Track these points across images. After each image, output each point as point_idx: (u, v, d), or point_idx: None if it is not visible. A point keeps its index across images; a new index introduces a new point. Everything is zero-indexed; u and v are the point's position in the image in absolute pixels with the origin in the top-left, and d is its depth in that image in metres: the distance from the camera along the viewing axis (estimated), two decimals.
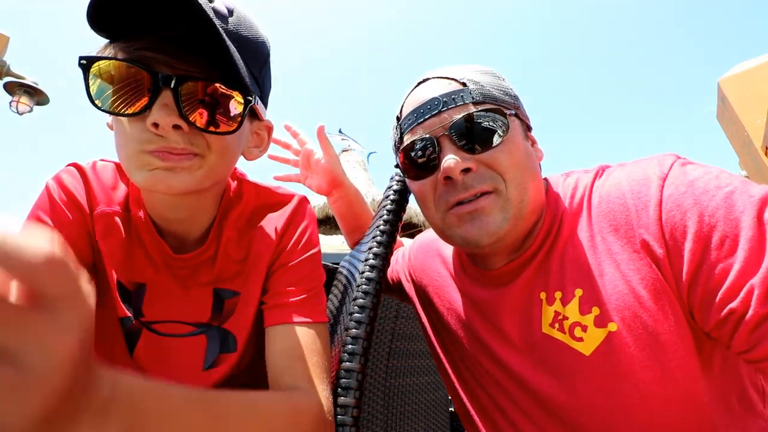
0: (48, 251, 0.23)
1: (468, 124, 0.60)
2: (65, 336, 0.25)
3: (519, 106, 0.67)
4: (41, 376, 0.24)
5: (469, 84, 0.63)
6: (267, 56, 0.61)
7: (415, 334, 1.22)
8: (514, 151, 0.61)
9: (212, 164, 0.56)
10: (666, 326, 0.52)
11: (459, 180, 0.60)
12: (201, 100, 0.52)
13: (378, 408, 1.00)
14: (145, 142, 0.52)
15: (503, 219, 0.60)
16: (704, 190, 0.50)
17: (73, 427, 0.28)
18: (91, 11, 0.47)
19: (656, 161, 0.57)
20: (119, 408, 0.33)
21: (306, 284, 0.68)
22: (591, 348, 0.55)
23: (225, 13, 0.53)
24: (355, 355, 0.58)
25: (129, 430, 0.33)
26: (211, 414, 0.45)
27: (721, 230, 0.47)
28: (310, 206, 0.77)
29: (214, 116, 0.53)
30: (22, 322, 0.23)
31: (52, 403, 0.25)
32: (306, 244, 0.72)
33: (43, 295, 0.24)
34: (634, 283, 0.53)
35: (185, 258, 0.67)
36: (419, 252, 0.90)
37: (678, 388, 0.52)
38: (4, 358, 0.23)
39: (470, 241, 0.61)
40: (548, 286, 0.61)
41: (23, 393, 0.23)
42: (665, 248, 0.52)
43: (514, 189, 0.60)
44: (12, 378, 0.23)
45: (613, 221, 0.57)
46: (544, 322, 0.61)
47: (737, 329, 0.45)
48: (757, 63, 1.88)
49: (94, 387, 0.31)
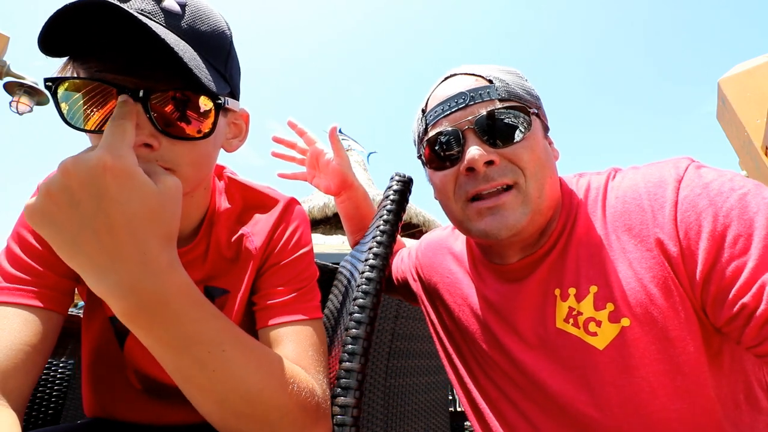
0: None
1: (493, 119, 0.63)
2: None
3: (540, 107, 0.69)
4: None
5: (495, 81, 0.65)
6: (230, 45, 0.59)
7: (415, 334, 1.22)
8: (535, 147, 0.64)
9: (186, 175, 0.55)
10: (676, 322, 0.54)
11: (481, 172, 0.63)
12: (171, 111, 0.52)
13: (378, 408, 1.00)
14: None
15: (522, 214, 0.62)
16: (719, 191, 0.52)
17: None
18: (42, 38, 0.46)
19: (672, 164, 0.59)
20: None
21: (296, 283, 0.68)
22: (605, 342, 0.57)
23: (177, 11, 0.51)
24: (355, 355, 0.58)
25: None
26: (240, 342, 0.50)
27: (735, 230, 0.49)
28: (300, 207, 0.77)
29: (188, 123, 0.53)
30: None
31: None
32: (296, 243, 0.72)
33: None
34: (645, 281, 0.55)
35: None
36: (428, 250, 0.91)
37: (686, 381, 0.53)
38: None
39: (490, 234, 0.63)
40: (562, 282, 0.63)
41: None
42: (679, 247, 0.53)
43: (533, 184, 0.62)
44: None
45: (627, 221, 0.59)
46: (558, 317, 0.63)
47: (748, 324, 0.47)
48: (757, 63, 1.88)
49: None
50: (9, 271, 0.59)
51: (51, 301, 0.59)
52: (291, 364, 0.55)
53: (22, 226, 0.63)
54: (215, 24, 0.56)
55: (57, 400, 1.21)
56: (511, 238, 0.63)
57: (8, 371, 0.52)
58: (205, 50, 0.53)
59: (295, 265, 0.70)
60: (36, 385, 1.15)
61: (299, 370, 0.55)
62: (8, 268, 0.59)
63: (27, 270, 0.59)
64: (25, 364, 0.54)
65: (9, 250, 0.61)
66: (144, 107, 0.49)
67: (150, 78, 0.50)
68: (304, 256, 0.72)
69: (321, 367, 0.60)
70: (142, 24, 0.45)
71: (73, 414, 1.21)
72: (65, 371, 1.25)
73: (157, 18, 0.50)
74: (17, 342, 0.53)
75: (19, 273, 0.59)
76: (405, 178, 0.80)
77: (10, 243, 0.62)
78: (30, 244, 0.61)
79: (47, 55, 0.48)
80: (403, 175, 0.80)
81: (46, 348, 0.58)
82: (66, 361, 1.27)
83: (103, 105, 0.51)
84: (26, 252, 0.61)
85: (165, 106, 0.51)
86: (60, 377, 1.24)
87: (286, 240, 0.71)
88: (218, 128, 0.58)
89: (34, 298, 0.58)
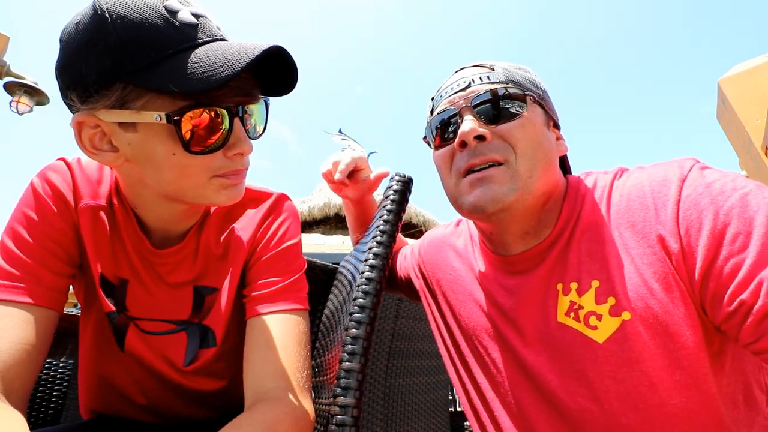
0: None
1: (488, 99, 0.65)
2: None
3: (544, 97, 0.71)
4: None
5: (497, 68, 0.69)
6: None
7: (415, 334, 1.22)
8: (528, 128, 0.65)
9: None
10: (676, 317, 0.54)
11: (472, 146, 0.64)
12: (260, 119, 0.62)
13: (378, 408, 1.00)
14: (219, 168, 0.57)
15: (509, 189, 0.63)
16: (721, 191, 0.52)
17: None
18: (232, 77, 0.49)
19: (676, 164, 0.60)
20: None
21: (283, 274, 0.69)
22: (605, 336, 0.58)
23: (194, 22, 0.53)
24: (355, 355, 0.58)
25: None
26: None
27: (735, 227, 0.49)
28: (290, 202, 0.77)
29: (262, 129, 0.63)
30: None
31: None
32: (282, 235, 0.72)
33: None
34: (647, 276, 0.56)
35: (165, 253, 0.68)
36: (430, 247, 0.91)
37: (685, 376, 0.54)
38: None
39: (476, 206, 0.64)
40: (564, 277, 0.64)
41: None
42: (680, 244, 0.54)
43: (523, 163, 0.63)
44: None
45: (631, 218, 0.60)
46: (559, 311, 0.63)
47: (746, 320, 0.47)
48: (757, 63, 1.88)
49: None
50: (5, 267, 0.58)
51: (48, 299, 0.59)
52: (260, 424, 0.53)
53: (17, 222, 0.62)
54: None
55: (57, 400, 1.21)
56: (499, 213, 0.64)
57: (12, 371, 0.52)
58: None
59: (282, 256, 0.70)
60: (36, 385, 1.15)
61: (271, 417, 0.54)
62: (4, 266, 0.58)
63: (23, 267, 0.59)
64: (28, 364, 0.54)
65: (4, 247, 0.60)
66: (242, 120, 0.57)
67: (251, 95, 0.58)
68: (292, 247, 0.72)
69: (300, 365, 0.62)
70: (290, 58, 0.55)
71: (73, 414, 1.21)
72: (65, 371, 1.26)
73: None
74: (19, 341, 0.53)
75: (15, 270, 0.58)
76: (405, 178, 0.80)
77: (5, 240, 0.61)
78: (25, 240, 0.60)
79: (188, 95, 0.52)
80: (403, 175, 0.80)
81: (45, 347, 0.58)
82: (66, 361, 1.27)
83: (219, 125, 0.55)
84: (22, 249, 0.60)
85: (254, 118, 0.61)
86: (60, 377, 1.24)
87: (273, 232, 0.72)
88: None
89: (33, 296, 0.57)
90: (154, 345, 0.70)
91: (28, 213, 0.62)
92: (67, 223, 0.64)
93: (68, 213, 0.64)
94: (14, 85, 4.44)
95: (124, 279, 0.68)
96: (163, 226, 0.67)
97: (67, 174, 0.65)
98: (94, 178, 0.67)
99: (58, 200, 0.63)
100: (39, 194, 0.63)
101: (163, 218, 0.66)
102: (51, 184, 0.64)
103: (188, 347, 0.71)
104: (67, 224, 0.64)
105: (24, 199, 0.63)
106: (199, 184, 0.57)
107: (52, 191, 0.63)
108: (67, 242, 0.64)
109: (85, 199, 0.65)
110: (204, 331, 0.71)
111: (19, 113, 4.62)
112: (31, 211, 0.62)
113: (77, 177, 0.66)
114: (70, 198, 0.64)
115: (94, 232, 0.66)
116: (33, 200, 0.62)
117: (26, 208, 0.62)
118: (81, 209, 0.65)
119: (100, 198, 0.66)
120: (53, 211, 0.63)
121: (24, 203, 0.63)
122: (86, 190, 0.66)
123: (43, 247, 0.61)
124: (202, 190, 0.57)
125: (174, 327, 0.70)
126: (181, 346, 0.70)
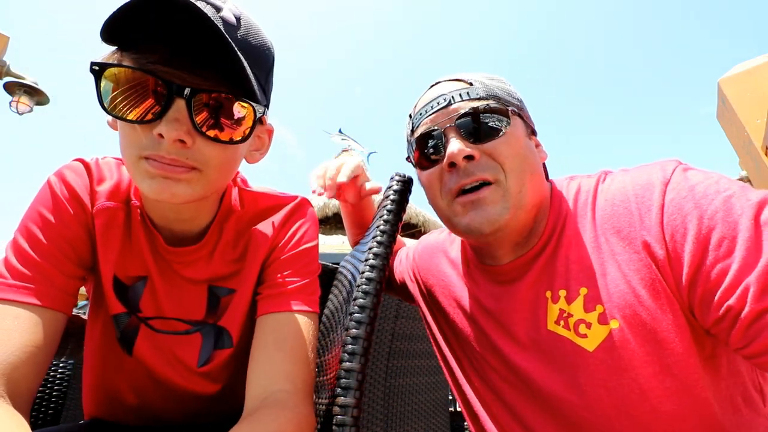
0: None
1: (471, 116, 0.65)
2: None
3: (522, 108, 0.71)
4: None
5: (476, 83, 0.69)
6: (272, 62, 0.62)
7: (415, 334, 1.22)
8: (513, 143, 0.65)
9: (211, 178, 0.57)
10: (664, 324, 0.54)
11: (462, 166, 0.64)
12: (212, 113, 0.53)
13: (378, 408, 1.00)
14: (142, 147, 0.52)
15: (503, 208, 0.63)
16: (704, 194, 0.52)
17: None
18: (107, 26, 0.47)
19: (659, 167, 0.59)
20: None
21: (299, 275, 0.69)
22: (594, 344, 0.58)
23: (233, 22, 0.53)
24: (355, 355, 0.58)
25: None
26: None
27: (720, 232, 0.49)
28: (311, 208, 0.78)
29: (224, 128, 0.54)
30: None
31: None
32: (300, 238, 0.72)
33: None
34: (634, 283, 0.56)
35: (181, 251, 0.68)
36: (424, 253, 0.91)
37: (676, 383, 0.54)
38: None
39: (473, 229, 0.64)
40: (553, 285, 0.63)
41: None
42: (666, 250, 0.54)
43: (513, 180, 0.64)
44: None
45: (616, 224, 0.59)
46: (549, 319, 0.63)
47: (734, 326, 0.47)
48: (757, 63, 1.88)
49: None
50: (17, 267, 0.57)
51: (58, 301, 0.58)
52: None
53: (31, 221, 0.61)
54: (263, 39, 0.58)
55: (57, 400, 1.21)
56: (495, 233, 0.64)
57: (18, 373, 0.51)
58: (253, 62, 0.55)
59: (299, 257, 0.71)
60: None
61: (275, 427, 0.53)
62: (16, 264, 0.58)
63: (35, 268, 0.58)
64: (34, 366, 0.53)
65: (17, 245, 0.59)
66: (187, 105, 0.51)
67: (199, 76, 0.52)
68: (309, 250, 0.72)
69: (307, 367, 0.62)
70: (215, 26, 0.47)
71: (73, 414, 1.21)
72: (65, 371, 1.25)
73: (217, 24, 0.51)
74: (26, 344, 0.53)
75: (27, 270, 0.58)
76: (405, 178, 0.80)
77: (18, 237, 0.60)
78: (39, 240, 0.60)
79: (107, 42, 0.50)
80: (403, 175, 0.80)
81: (52, 349, 0.57)
82: (66, 361, 1.26)
83: (143, 98, 0.51)
84: (35, 249, 0.59)
85: (206, 107, 0.52)
86: (60, 377, 1.24)
87: (292, 234, 0.72)
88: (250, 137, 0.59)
89: (43, 298, 0.57)
90: (165, 348, 0.70)
91: (43, 213, 0.61)
92: (82, 225, 0.64)
93: (84, 215, 0.64)
94: (14, 85, 4.44)
95: (139, 277, 0.68)
96: (168, 225, 0.67)
97: (84, 175, 0.65)
98: (113, 178, 0.67)
99: (75, 202, 0.63)
100: (56, 194, 0.62)
101: (164, 215, 0.66)
102: (68, 185, 0.63)
103: (202, 348, 0.70)
104: (81, 227, 0.64)
105: (40, 197, 0.63)
106: (130, 162, 0.54)
107: (69, 193, 0.63)
108: (81, 245, 0.64)
109: (101, 200, 0.65)
110: (219, 332, 0.71)
111: (19, 113, 4.62)
112: (47, 212, 0.61)
113: (94, 178, 0.66)
114: (86, 200, 0.64)
115: (109, 234, 0.65)
116: (50, 200, 0.62)
117: (42, 207, 0.62)
118: (96, 211, 0.65)
119: (117, 198, 0.66)
120: (69, 213, 0.62)
121: (40, 202, 0.62)
122: (103, 191, 0.66)
123: (57, 248, 0.61)
124: (133, 171, 0.55)
125: (188, 327, 0.70)
126: (195, 347, 0.70)
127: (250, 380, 0.59)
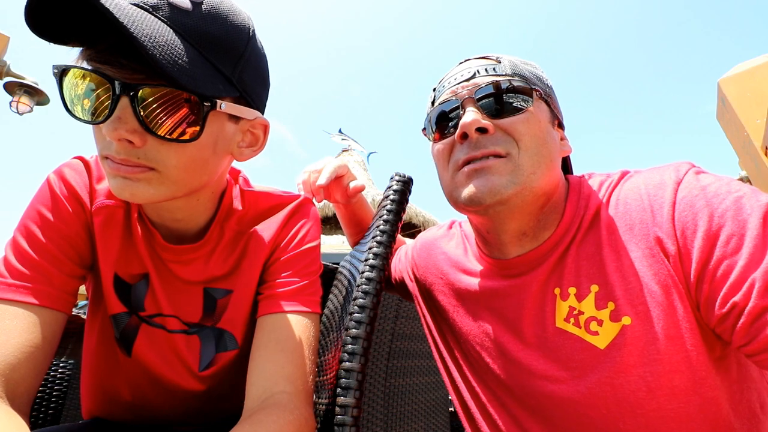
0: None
1: (493, 90, 0.63)
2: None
3: (550, 95, 0.69)
4: None
5: (504, 61, 0.66)
6: (244, 49, 0.55)
7: (415, 334, 1.21)
8: (533, 124, 0.63)
9: (175, 178, 0.54)
10: (675, 320, 0.54)
11: (474, 138, 0.62)
12: (159, 109, 0.49)
13: (378, 408, 1.00)
14: (103, 147, 0.52)
15: (509, 181, 0.60)
16: (715, 193, 0.53)
17: None
18: (26, 18, 0.45)
19: (673, 168, 0.60)
20: None
21: (300, 275, 0.68)
22: (606, 341, 0.57)
23: (186, 7, 0.49)
24: (355, 355, 0.58)
25: None
26: None
27: (729, 230, 0.49)
28: (314, 208, 0.77)
29: (175, 124, 0.50)
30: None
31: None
32: (303, 238, 0.72)
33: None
34: (646, 279, 0.56)
35: (178, 250, 0.67)
36: (422, 250, 0.91)
37: (684, 381, 0.53)
38: None
39: (473, 199, 0.62)
40: (562, 282, 0.63)
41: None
42: (677, 246, 0.54)
43: (527, 158, 0.61)
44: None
45: (629, 221, 0.60)
46: (558, 317, 0.62)
47: (738, 322, 0.47)
48: (757, 63, 1.88)
49: None
50: (16, 266, 0.57)
51: (57, 301, 0.58)
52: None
53: (31, 219, 0.60)
54: (229, 25, 0.53)
55: (57, 400, 1.21)
56: (496, 206, 0.61)
57: (17, 373, 0.51)
58: (211, 50, 0.51)
59: (301, 257, 0.70)
60: None
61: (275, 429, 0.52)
62: (15, 264, 0.57)
63: (34, 267, 0.58)
64: (34, 366, 0.53)
65: (16, 244, 0.59)
66: (131, 101, 0.48)
67: (141, 72, 0.48)
68: (311, 250, 0.72)
69: (307, 368, 0.61)
70: (110, 14, 0.42)
71: (73, 414, 1.21)
72: (65, 371, 1.25)
73: (158, 12, 0.47)
74: (25, 344, 0.53)
75: (27, 270, 0.57)
76: (405, 178, 0.80)
77: (17, 236, 0.59)
78: (38, 239, 0.59)
79: (40, 37, 0.47)
80: (403, 175, 0.80)
81: (51, 349, 0.57)
82: (66, 361, 1.26)
83: (97, 98, 0.50)
84: (34, 248, 0.59)
85: (153, 103, 0.49)
86: (60, 377, 1.24)
87: (294, 233, 0.72)
88: (220, 134, 0.56)
89: (42, 297, 0.56)
90: (165, 348, 0.69)
91: (42, 211, 0.61)
92: (81, 224, 0.63)
93: (83, 214, 0.64)
94: (14, 85, 4.44)
95: (141, 275, 0.68)
96: (164, 223, 0.67)
97: (83, 173, 0.65)
98: None
99: (74, 200, 0.63)
100: (55, 193, 0.62)
101: (159, 214, 0.66)
102: (67, 184, 0.63)
103: (203, 351, 0.70)
104: (81, 225, 0.63)
105: (39, 196, 0.62)
106: (99, 162, 0.54)
107: (68, 191, 0.63)
108: (80, 243, 0.64)
109: (100, 198, 0.65)
110: (219, 335, 0.70)
111: (19, 113, 4.62)
112: (46, 210, 0.61)
113: (94, 176, 0.65)
114: (85, 198, 0.64)
115: (108, 232, 0.65)
116: (49, 198, 0.62)
117: (41, 206, 0.61)
118: (96, 209, 0.64)
119: (115, 196, 0.65)
120: (68, 211, 0.62)
121: (39, 201, 0.62)
122: (102, 189, 0.65)
123: (56, 247, 0.60)
124: (103, 168, 0.54)
125: (185, 327, 0.70)
126: (195, 349, 0.70)
127: (250, 381, 0.59)
